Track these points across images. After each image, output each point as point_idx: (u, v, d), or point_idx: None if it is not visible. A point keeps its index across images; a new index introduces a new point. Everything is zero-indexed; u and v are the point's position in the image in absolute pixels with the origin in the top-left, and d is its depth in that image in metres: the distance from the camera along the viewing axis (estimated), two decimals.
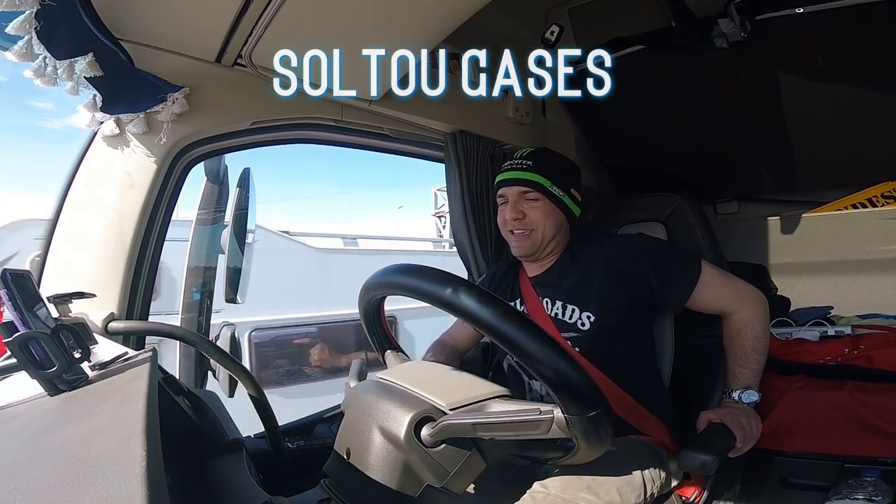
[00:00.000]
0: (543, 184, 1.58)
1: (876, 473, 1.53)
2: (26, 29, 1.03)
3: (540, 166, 1.60)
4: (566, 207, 1.63)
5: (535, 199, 1.60)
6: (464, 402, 0.92)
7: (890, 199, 2.20)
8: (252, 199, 1.74)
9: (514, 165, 1.63)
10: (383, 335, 1.21)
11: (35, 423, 0.69)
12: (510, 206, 1.62)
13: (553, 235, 1.62)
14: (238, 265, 1.72)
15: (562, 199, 1.61)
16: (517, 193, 1.61)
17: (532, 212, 1.60)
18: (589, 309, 1.53)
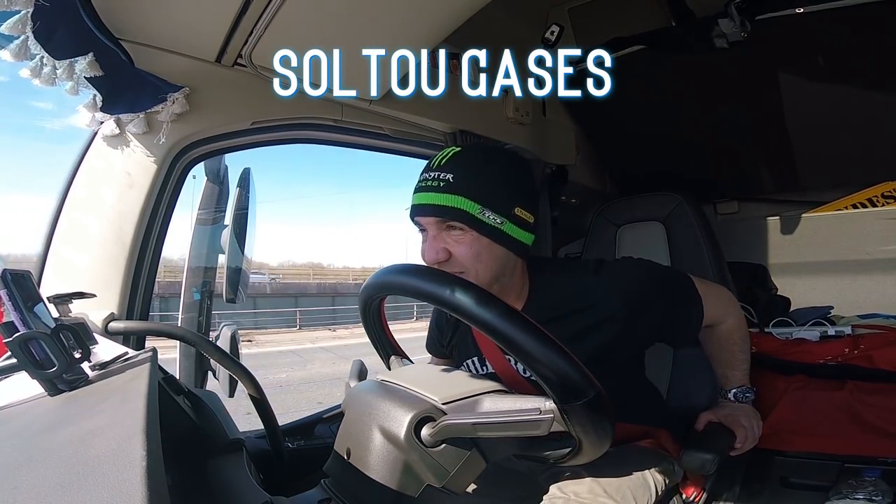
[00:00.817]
0: (470, 211, 1.13)
1: (876, 473, 1.53)
2: (20, 29, 1.03)
3: (463, 182, 1.14)
4: (508, 239, 1.18)
5: (460, 230, 1.16)
6: (457, 397, 0.93)
7: (890, 199, 2.21)
8: (252, 198, 1.74)
9: (429, 182, 1.16)
10: (385, 338, 1.21)
11: (35, 423, 0.69)
12: (428, 244, 1.19)
13: (493, 278, 1.21)
14: (238, 265, 1.72)
15: (499, 229, 1.16)
16: (435, 225, 1.18)
17: (457, 248, 1.16)
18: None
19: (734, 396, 1.38)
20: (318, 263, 42.48)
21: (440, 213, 1.14)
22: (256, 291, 27.20)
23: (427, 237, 1.20)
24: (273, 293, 28.34)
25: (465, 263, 1.16)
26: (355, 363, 1.24)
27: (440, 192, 1.13)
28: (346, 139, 1.81)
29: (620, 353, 1.26)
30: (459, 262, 1.16)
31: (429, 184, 1.16)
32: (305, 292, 29.53)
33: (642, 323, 1.24)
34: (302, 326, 23.62)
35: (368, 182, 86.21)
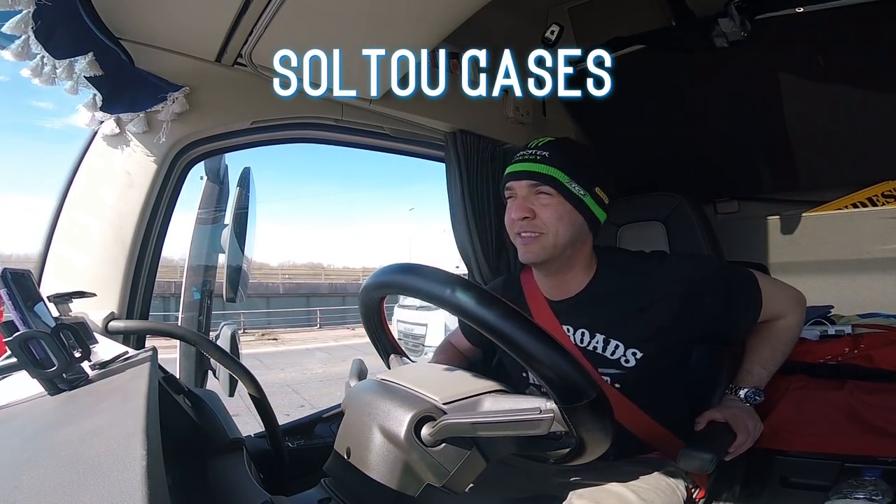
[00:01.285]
0: (560, 178, 1.32)
1: (876, 473, 1.53)
2: (22, 28, 1.03)
3: (558, 158, 1.34)
4: (587, 210, 1.35)
5: (548, 195, 1.33)
6: (457, 397, 0.93)
7: (890, 199, 2.20)
8: (252, 198, 1.74)
9: (526, 156, 1.37)
10: (385, 338, 1.21)
11: (35, 423, 0.69)
12: (517, 203, 1.37)
13: (568, 242, 1.35)
14: (238, 265, 1.72)
15: (582, 199, 1.34)
16: (526, 188, 1.35)
17: (543, 211, 1.33)
18: (636, 345, 1.34)
19: (745, 396, 1.36)
20: (319, 263, 42.56)
21: (535, 178, 1.33)
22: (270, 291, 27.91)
23: (514, 201, 1.38)
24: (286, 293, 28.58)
25: (547, 223, 1.33)
26: (355, 362, 1.24)
27: (537, 162, 1.34)
28: (346, 139, 1.81)
29: (673, 336, 1.33)
30: (542, 220, 1.33)
31: (526, 157, 1.36)
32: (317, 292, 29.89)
33: (698, 310, 1.32)
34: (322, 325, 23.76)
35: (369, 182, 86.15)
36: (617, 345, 1.34)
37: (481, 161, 1.99)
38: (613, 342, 1.35)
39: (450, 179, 1.98)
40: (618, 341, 1.34)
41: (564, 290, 1.43)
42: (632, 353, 1.33)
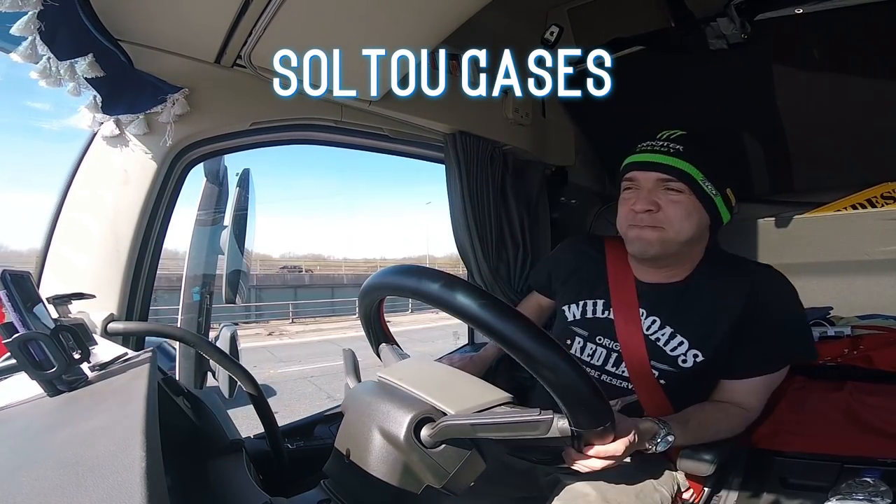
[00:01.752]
0: (694, 175, 1.28)
1: (876, 474, 1.53)
2: (31, 30, 1.03)
3: (693, 153, 1.30)
4: (715, 210, 1.32)
5: (678, 191, 1.30)
6: (469, 410, 0.92)
7: (889, 200, 2.20)
8: (252, 199, 1.74)
9: (656, 147, 1.33)
10: (379, 329, 1.20)
11: (35, 424, 0.69)
12: (641, 196, 1.33)
13: (691, 239, 1.33)
14: (238, 266, 1.72)
15: (713, 199, 1.31)
16: (654, 181, 1.32)
17: (670, 207, 1.30)
18: (702, 348, 1.31)
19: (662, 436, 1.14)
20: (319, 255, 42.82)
21: (666, 171, 1.29)
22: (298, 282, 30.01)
23: (637, 192, 1.35)
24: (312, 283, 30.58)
25: (673, 219, 1.29)
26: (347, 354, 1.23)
27: (670, 155, 1.30)
28: (345, 140, 1.81)
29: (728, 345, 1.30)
30: (667, 216, 1.29)
31: (656, 148, 1.33)
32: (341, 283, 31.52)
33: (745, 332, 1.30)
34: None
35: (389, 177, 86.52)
36: (681, 342, 1.32)
37: (481, 162, 1.99)
38: (679, 338, 1.33)
39: (450, 181, 1.98)
40: (684, 338, 1.32)
41: (658, 275, 1.42)
42: (693, 354, 1.31)
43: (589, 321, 1.47)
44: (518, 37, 1.97)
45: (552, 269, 1.67)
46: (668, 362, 1.32)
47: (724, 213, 1.34)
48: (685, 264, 1.39)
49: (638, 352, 1.36)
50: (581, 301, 1.50)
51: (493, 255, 2.05)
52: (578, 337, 1.47)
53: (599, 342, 1.43)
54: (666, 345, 1.33)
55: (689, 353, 1.31)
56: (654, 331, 1.35)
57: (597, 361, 1.43)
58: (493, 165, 2.04)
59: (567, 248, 1.67)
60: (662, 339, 1.34)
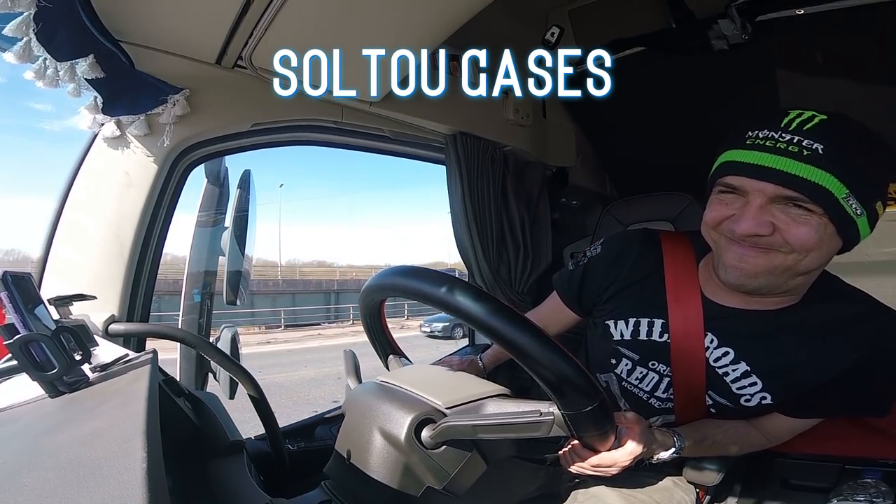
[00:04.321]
0: (835, 192, 0.91)
1: (877, 475, 1.52)
2: (24, 31, 1.03)
3: (838, 157, 0.91)
4: (854, 233, 0.97)
5: (809, 211, 0.93)
6: (460, 402, 0.92)
7: (890, 201, 2.20)
8: (252, 200, 1.74)
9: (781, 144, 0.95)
10: (385, 339, 1.20)
11: (36, 425, 0.68)
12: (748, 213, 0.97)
13: (816, 270, 1.02)
14: (238, 267, 1.72)
15: (854, 221, 0.95)
16: (773, 196, 0.95)
17: (794, 229, 0.94)
18: (775, 393, 1.10)
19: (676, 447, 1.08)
20: (324, 261, 42.97)
21: (796, 186, 0.91)
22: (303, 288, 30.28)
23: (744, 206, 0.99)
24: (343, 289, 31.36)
25: (797, 245, 0.94)
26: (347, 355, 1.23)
27: (801, 160, 0.92)
28: (346, 141, 1.81)
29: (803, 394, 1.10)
30: (789, 242, 0.94)
31: (781, 146, 0.95)
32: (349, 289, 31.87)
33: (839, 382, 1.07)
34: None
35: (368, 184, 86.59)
36: (755, 382, 1.10)
37: (481, 163, 1.99)
38: (753, 378, 1.10)
39: (450, 181, 1.98)
40: (759, 380, 1.10)
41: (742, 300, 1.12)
42: (761, 397, 1.11)
43: (641, 343, 1.22)
44: (518, 37, 1.97)
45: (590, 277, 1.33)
46: (730, 398, 1.13)
47: (863, 233, 0.99)
48: (787, 296, 1.08)
49: (695, 380, 1.15)
50: (633, 318, 1.23)
51: (493, 255, 2.05)
52: (627, 359, 1.25)
53: (653, 367, 1.22)
54: (734, 382, 1.12)
55: (758, 395, 1.10)
56: (724, 364, 1.12)
57: (646, 387, 1.24)
58: (493, 166, 2.04)
59: (615, 248, 1.30)
60: (732, 374, 1.11)
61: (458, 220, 1.99)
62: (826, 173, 0.90)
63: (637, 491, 1.19)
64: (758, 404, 1.11)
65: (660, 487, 1.23)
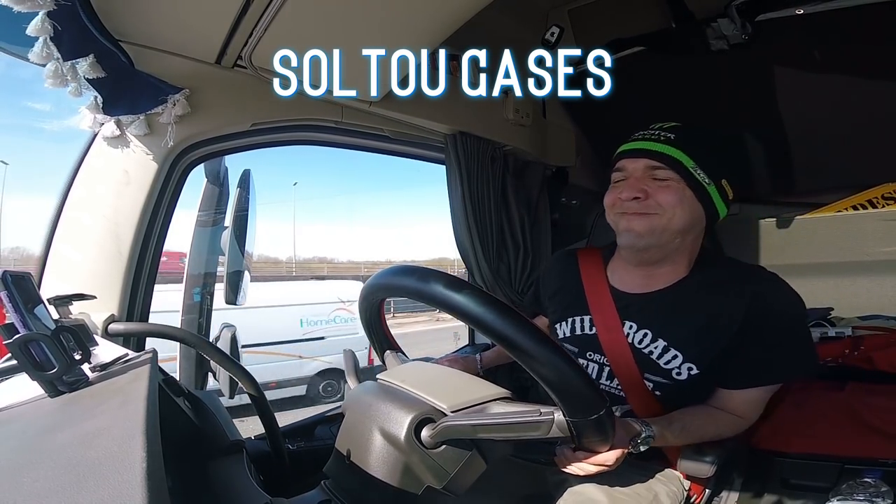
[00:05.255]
0: (685, 162, 1.23)
1: (877, 474, 1.52)
2: (46, 30, 1.03)
3: (685, 140, 1.25)
4: (709, 200, 1.26)
5: (667, 178, 1.24)
6: (465, 405, 0.92)
7: (890, 201, 2.21)
8: (252, 200, 1.74)
9: (647, 135, 1.29)
10: (383, 335, 1.20)
11: (35, 425, 0.69)
12: (629, 183, 1.27)
13: (681, 229, 1.25)
14: (238, 267, 1.72)
15: (706, 188, 1.24)
16: (643, 168, 1.26)
17: (660, 192, 1.24)
18: (697, 361, 1.25)
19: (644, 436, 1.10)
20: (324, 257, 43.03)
21: (657, 158, 1.24)
22: None
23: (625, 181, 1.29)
24: None
25: (664, 204, 1.23)
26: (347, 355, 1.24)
27: (660, 142, 1.25)
28: (346, 140, 1.81)
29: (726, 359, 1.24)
30: (657, 201, 1.23)
31: (647, 135, 1.28)
32: None
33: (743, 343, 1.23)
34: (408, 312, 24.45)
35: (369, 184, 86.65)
36: (676, 355, 1.26)
37: (481, 163, 1.99)
38: (673, 351, 1.26)
39: (450, 181, 1.98)
40: (678, 352, 1.26)
41: (644, 283, 1.35)
42: (687, 367, 1.25)
43: (578, 338, 1.42)
44: (518, 37, 1.97)
45: (541, 290, 1.64)
46: (662, 375, 1.27)
47: (720, 206, 1.27)
48: (677, 265, 1.32)
49: (627, 364, 1.31)
50: (569, 318, 1.45)
51: (493, 255, 2.05)
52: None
53: (591, 357, 1.38)
54: (660, 358, 1.28)
55: (684, 366, 1.25)
56: (647, 344, 1.29)
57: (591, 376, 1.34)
58: (493, 166, 2.04)
59: (549, 267, 1.64)
60: (656, 351, 1.28)
61: (458, 220, 1.99)
62: (678, 150, 1.23)
63: (625, 488, 1.20)
64: (689, 376, 1.25)
65: (647, 485, 1.24)
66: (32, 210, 29.77)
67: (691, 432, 1.22)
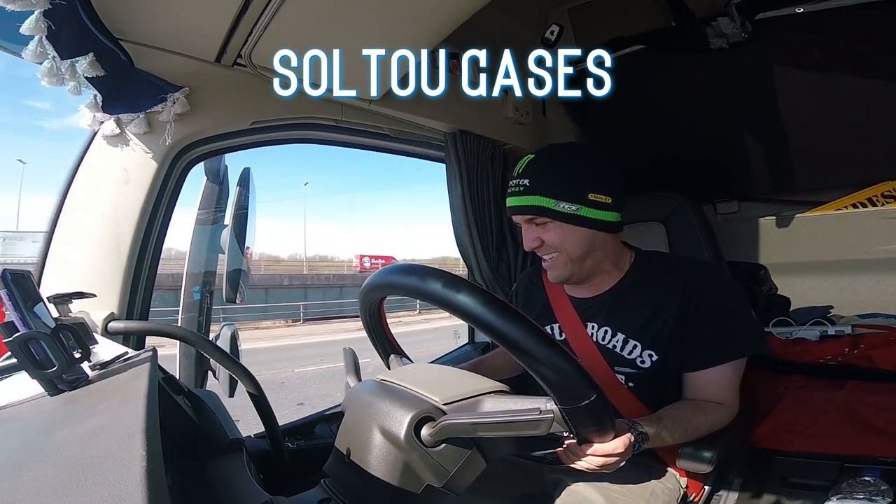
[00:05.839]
0: (546, 205, 1.32)
1: (876, 473, 1.53)
2: (40, 28, 1.03)
3: (538, 183, 1.33)
4: (586, 220, 1.33)
5: (543, 222, 1.35)
6: (458, 398, 0.92)
7: (890, 199, 2.20)
8: (252, 198, 1.74)
9: (512, 189, 1.38)
10: (385, 338, 1.21)
11: (35, 424, 0.69)
12: (524, 235, 1.41)
13: (582, 254, 1.36)
14: (238, 265, 1.72)
15: (575, 214, 1.32)
16: (525, 221, 1.38)
17: (546, 235, 1.36)
18: (654, 347, 1.34)
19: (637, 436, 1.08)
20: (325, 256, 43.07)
21: (525, 212, 1.35)
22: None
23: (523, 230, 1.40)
24: None
25: (555, 246, 1.36)
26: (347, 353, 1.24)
27: (521, 195, 1.34)
28: (346, 139, 1.81)
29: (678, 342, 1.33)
30: (550, 245, 1.36)
31: (513, 190, 1.37)
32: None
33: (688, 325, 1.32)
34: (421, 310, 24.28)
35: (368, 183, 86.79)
36: (635, 345, 1.35)
37: (481, 161, 1.99)
38: (632, 342, 1.36)
39: (450, 180, 1.98)
40: (636, 341, 1.36)
41: (592, 289, 1.46)
42: (648, 354, 1.34)
43: None
44: (518, 36, 1.97)
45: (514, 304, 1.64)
46: (629, 365, 1.36)
47: (601, 216, 1.34)
48: (608, 272, 1.44)
49: (597, 362, 1.39)
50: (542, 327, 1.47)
51: (493, 253, 2.05)
52: None
53: None
54: (622, 350, 1.37)
55: (644, 353, 1.34)
56: (609, 339, 1.40)
57: None
58: (493, 164, 2.04)
59: (518, 284, 1.74)
60: (618, 345, 1.38)
61: (458, 219, 1.99)
62: (534, 196, 1.32)
63: (621, 486, 1.20)
64: (651, 363, 1.34)
65: (643, 484, 1.25)
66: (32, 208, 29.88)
67: (682, 425, 1.23)
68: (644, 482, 1.25)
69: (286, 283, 29.04)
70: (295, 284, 28.82)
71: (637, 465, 1.22)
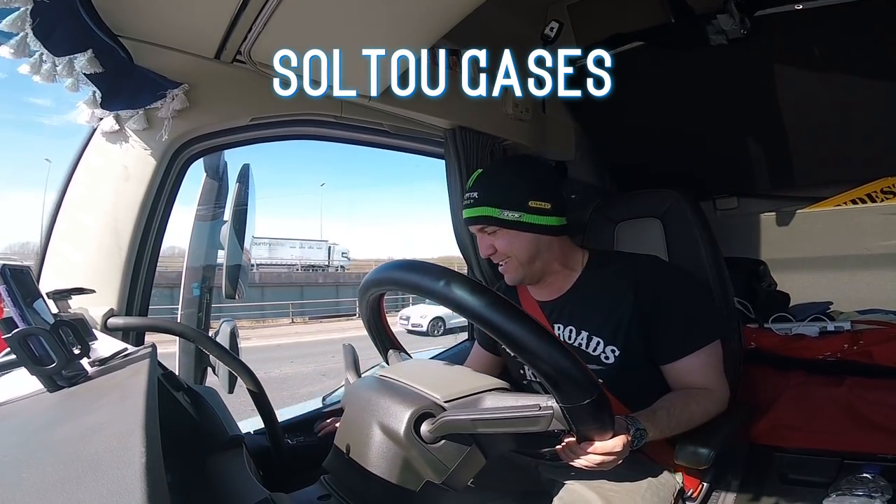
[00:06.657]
0: (492, 214, 1.43)
1: (876, 470, 1.53)
2: (19, 26, 1.02)
3: (483, 195, 1.45)
4: (529, 226, 1.44)
5: (492, 231, 1.46)
6: (459, 395, 0.93)
7: (889, 195, 2.21)
8: (252, 195, 1.74)
9: (465, 202, 1.50)
10: (384, 334, 1.21)
11: (34, 420, 0.69)
12: (479, 244, 1.53)
13: (531, 258, 1.47)
14: (237, 261, 1.72)
15: (518, 221, 1.43)
16: (478, 230, 1.50)
17: (497, 243, 1.47)
18: (614, 342, 1.40)
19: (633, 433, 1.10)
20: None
21: (476, 222, 1.47)
22: None
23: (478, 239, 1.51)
24: None
25: (505, 252, 1.46)
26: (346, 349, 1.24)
27: (471, 207, 1.46)
28: (345, 135, 1.81)
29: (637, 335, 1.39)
30: (501, 252, 1.47)
31: (465, 203, 1.48)
32: None
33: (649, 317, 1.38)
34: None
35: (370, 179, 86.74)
36: (598, 342, 1.42)
37: (481, 158, 1.98)
38: (595, 339, 1.42)
39: (450, 176, 1.98)
40: (598, 338, 1.42)
41: (552, 291, 1.55)
42: (610, 349, 1.40)
43: None
44: (518, 35, 1.96)
45: None
46: (595, 362, 1.41)
47: (543, 221, 1.44)
48: (560, 273, 1.53)
49: None
50: None
51: None
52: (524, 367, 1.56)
53: None
54: (588, 347, 1.43)
55: (607, 349, 1.40)
56: (575, 338, 1.46)
57: None
58: (493, 161, 2.04)
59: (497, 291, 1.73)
60: (583, 342, 1.44)
61: (458, 215, 1.99)
62: (482, 207, 1.44)
63: (617, 484, 1.21)
64: (615, 359, 1.40)
65: (639, 481, 1.26)
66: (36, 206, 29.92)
67: (676, 415, 1.24)
68: (640, 479, 1.26)
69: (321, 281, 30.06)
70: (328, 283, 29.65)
71: (633, 462, 1.23)
